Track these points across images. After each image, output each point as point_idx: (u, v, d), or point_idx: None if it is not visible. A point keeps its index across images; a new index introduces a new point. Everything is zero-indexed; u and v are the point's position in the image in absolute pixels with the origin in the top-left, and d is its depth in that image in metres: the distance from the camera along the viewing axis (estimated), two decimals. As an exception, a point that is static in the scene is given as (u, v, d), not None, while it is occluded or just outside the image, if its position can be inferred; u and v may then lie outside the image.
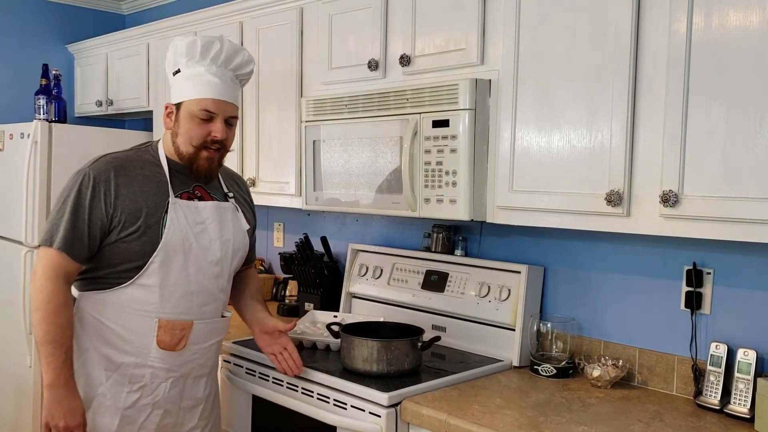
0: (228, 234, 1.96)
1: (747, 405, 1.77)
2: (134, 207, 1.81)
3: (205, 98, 1.85)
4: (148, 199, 1.83)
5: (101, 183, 1.80)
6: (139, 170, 1.86)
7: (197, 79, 1.86)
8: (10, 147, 3.49)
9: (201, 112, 1.85)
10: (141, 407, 1.88)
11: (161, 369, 1.88)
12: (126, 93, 3.69)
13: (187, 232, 1.86)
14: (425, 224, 2.67)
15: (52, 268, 1.76)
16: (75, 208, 1.78)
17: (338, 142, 2.38)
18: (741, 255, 1.90)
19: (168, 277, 1.84)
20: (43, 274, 1.76)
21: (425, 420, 1.81)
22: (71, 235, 1.77)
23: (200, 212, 1.90)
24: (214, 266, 1.92)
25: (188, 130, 1.87)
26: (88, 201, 1.78)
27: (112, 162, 1.85)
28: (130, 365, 1.85)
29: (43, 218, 3.30)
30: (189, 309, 1.88)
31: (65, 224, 1.77)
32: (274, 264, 3.33)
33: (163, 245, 1.82)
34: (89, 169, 1.82)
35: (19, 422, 3.40)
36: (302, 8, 2.66)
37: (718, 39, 1.58)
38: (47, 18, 4.12)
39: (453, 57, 2.13)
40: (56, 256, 1.76)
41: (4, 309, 3.51)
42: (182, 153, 1.89)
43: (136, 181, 1.84)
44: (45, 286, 1.75)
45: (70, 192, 1.80)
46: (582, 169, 1.83)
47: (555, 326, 2.20)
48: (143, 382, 1.87)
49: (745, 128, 1.54)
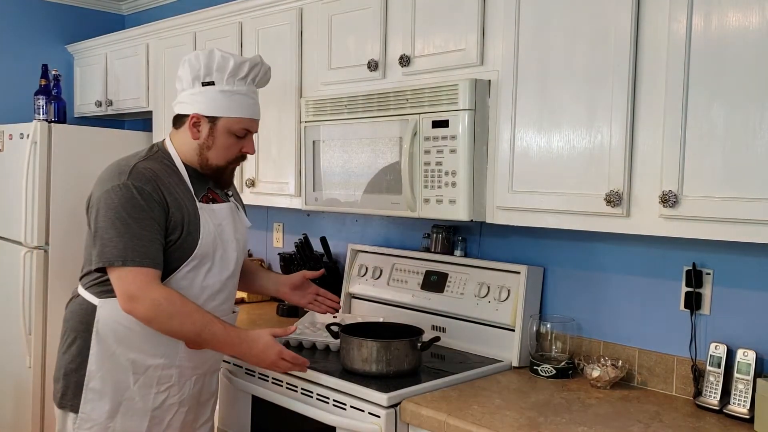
0: (239, 233, 2.02)
1: (746, 405, 1.77)
2: (179, 214, 1.83)
3: (247, 118, 1.92)
4: (184, 206, 1.85)
5: (151, 192, 1.79)
6: (167, 177, 1.86)
7: (239, 98, 1.90)
8: (10, 147, 3.49)
9: (241, 131, 1.92)
10: (168, 406, 1.90)
11: (188, 368, 1.92)
12: (125, 93, 3.69)
13: (215, 236, 1.90)
14: (425, 225, 2.67)
15: (149, 281, 1.75)
16: (141, 221, 1.76)
17: (338, 142, 2.38)
18: (741, 255, 1.90)
19: (197, 280, 1.88)
20: (145, 292, 1.74)
21: (425, 420, 1.81)
22: (150, 246, 1.76)
23: (217, 214, 1.95)
24: (232, 265, 1.98)
25: (226, 146, 1.91)
26: (149, 210, 1.77)
27: (147, 172, 1.82)
28: (158, 367, 1.87)
29: (43, 219, 3.30)
30: (214, 308, 1.92)
31: (142, 239, 1.75)
32: (274, 264, 3.33)
33: (198, 250, 1.86)
34: (131, 181, 1.78)
35: (19, 422, 3.40)
36: (302, 9, 2.66)
37: (717, 39, 1.58)
38: (47, 18, 4.12)
39: (452, 57, 2.13)
40: (145, 270, 1.75)
41: (3, 310, 3.51)
42: (211, 165, 1.93)
43: (171, 189, 1.85)
44: (155, 297, 1.74)
45: (122, 206, 1.76)
46: (581, 169, 1.83)
47: (554, 327, 2.20)
48: (171, 382, 1.90)
49: (744, 128, 1.54)
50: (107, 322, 1.83)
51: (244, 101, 1.91)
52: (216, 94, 1.88)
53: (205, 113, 1.88)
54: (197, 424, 2.04)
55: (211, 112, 1.88)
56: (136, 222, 1.76)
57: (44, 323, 3.33)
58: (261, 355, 1.84)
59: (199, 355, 1.93)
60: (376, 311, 2.66)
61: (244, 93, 1.91)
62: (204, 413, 2.07)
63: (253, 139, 1.99)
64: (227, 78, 1.88)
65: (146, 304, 1.74)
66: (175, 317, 1.76)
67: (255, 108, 1.95)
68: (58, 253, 3.35)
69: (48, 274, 3.34)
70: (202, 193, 1.94)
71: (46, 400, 3.33)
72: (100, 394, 1.84)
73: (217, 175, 1.95)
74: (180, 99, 1.93)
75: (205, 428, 2.08)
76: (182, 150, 1.93)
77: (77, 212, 3.36)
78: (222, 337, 1.80)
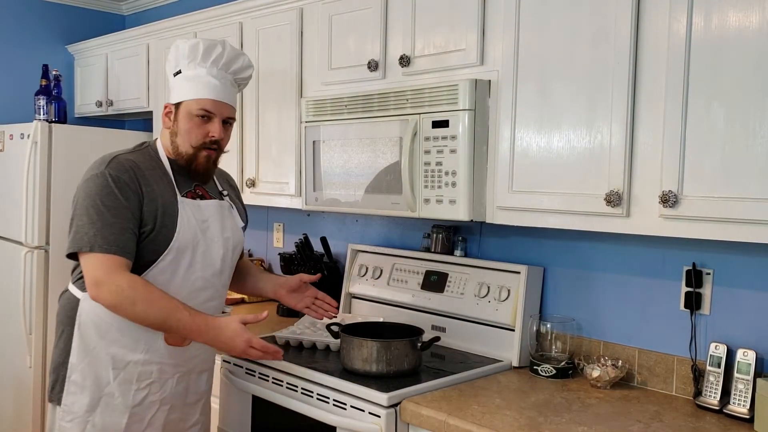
0: (228, 231, 2.00)
1: (746, 405, 1.77)
2: (152, 206, 1.84)
3: (204, 98, 1.89)
4: (162, 198, 1.86)
5: (128, 182, 1.81)
6: (149, 170, 1.88)
7: (197, 80, 1.90)
8: (10, 147, 3.49)
9: (200, 111, 1.90)
10: (149, 404, 1.89)
11: (169, 365, 1.91)
12: (126, 93, 3.69)
13: (195, 231, 1.90)
14: (425, 225, 2.67)
15: (116, 268, 1.75)
16: (114, 208, 1.77)
17: (338, 142, 2.38)
18: (741, 255, 1.90)
19: (176, 275, 1.88)
20: (111, 278, 1.74)
21: (425, 420, 1.81)
22: (120, 235, 1.76)
23: (203, 210, 1.94)
24: (218, 263, 1.97)
25: (187, 130, 1.90)
26: (123, 199, 1.79)
27: (126, 162, 1.85)
28: (138, 363, 1.87)
29: (44, 219, 3.30)
30: (195, 305, 1.89)
31: (112, 226, 1.76)
32: (274, 264, 3.33)
33: (174, 244, 1.85)
34: (108, 170, 1.81)
35: (19, 423, 3.40)
36: (302, 9, 2.66)
37: (717, 39, 1.58)
38: (47, 19, 4.12)
39: (453, 57, 2.13)
40: (113, 257, 1.76)
41: (4, 309, 3.52)
42: (181, 153, 1.92)
43: (150, 181, 1.86)
44: (122, 281, 1.74)
45: (99, 194, 1.78)
46: (581, 169, 1.83)
47: (554, 326, 2.20)
48: (151, 379, 1.89)
49: (744, 128, 1.54)
50: (89, 315, 1.84)
51: (204, 82, 1.90)
52: (181, 81, 1.92)
53: (172, 101, 1.93)
54: (186, 425, 2.01)
55: (175, 99, 1.92)
56: (109, 210, 1.77)
57: (44, 323, 3.33)
58: (229, 343, 1.79)
59: (180, 353, 1.92)
60: (377, 311, 2.66)
61: (203, 75, 1.90)
62: (192, 414, 2.03)
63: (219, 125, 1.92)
64: (188, 63, 1.91)
65: (110, 289, 1.74)
66: (138, 303, 1.74)
67: (217, 90, 1.91)
68: (58, 252, 3.35)
69: (48, 273, 3.34)
70: (188, 189, 1.94)
71: (47, 399, 3.33)
72: (81, 387, 1.84)
73: (189, 163, 1.93)
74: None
75: (194, 430, 2.05)
76: (165, 144, 1.96)
77: (78, 212, 3.38)
78: (188, 323, 1.77)
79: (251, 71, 2.04)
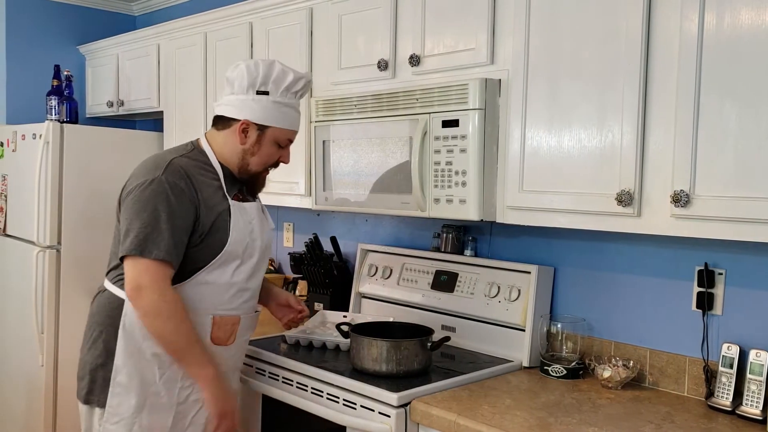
0: (266, 232, 2.05)
1: (759, 407, 1.76)
2: (207, 212, 1.86)
3: (294, 130, 1.99)
4: (215, 204, 1.88)
5: (184, 189, 1.82)
6: (200, 176, 1.89)
7: (289, 110, 1.96)
8: (23, 147, 3.51)
9: (285, 141, 1.99)
10: (192, 402, 1.91)
11: None
12: (137, 94, 3.70)
13: (244, 233, 1.93)
14: (435, 224, 2.67)
15: (162, 277, 1.77)
16: (170, 216, 1.79)
17: (348, 142, 2.38)
18: (753, 255, 1.88)
19: (224, 276, 1.90)
20: (155, 285, 1.76)
21: (435, 420, 1.81)
22: (171, 242, 1.78)
23: (248, 213, 1.97)
24: (259, 263, 2.00)
25: (268, 153, 1.97)
26: (177, 207, 1.80)
27: (180, 168, 1.86)
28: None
29: (55, 218, 3.32)
30: (238, 305, 1.94)
31: (164, 234, 1.77)
32: (284, 264, 3.34)
33: (228, 247, 1.88)
34: (166, 176, 1.82)
35: (31, 421, 3.42)
36: (312, 8, 2.66)
37: (730, 37, 1.57)
38: (59, 19, 4.15)
39: (462, 57, 2.12)
40: (160, 264, 1.77)
41: (16, 308, 3.54)
42: (250, 170, 1.98)
43: (203, 186, 1.88)
44: (166, 292, 1.77)
45: (154, 200, 1.79)
46: (592, 168, 1.82)
47: (565, 327, 2.19)
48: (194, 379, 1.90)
49: (757, 127, 1.53)
50: (133, 316, 1.83)
51: (293, 114, 1.97)
52: (269, 103, 1.92)
53: (256, 121, 1.92)
54: None
55: (262, 121, 1.92)
56: (163, 216, 1.78)
57: (56, 322, 3.35)
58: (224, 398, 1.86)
59: (223, 352, 1.94)
60: (386, 311, 2.66)
61: (293, 106, 1.97)
62: None
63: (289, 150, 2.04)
64: (282, 91, 1.92)
65: (152, 297, 1.76)
66: (171, 319, 1.77)
67: (299, 120, 2.01)
68: (70, 252, 3.37)
69: (60, 273, 3.35)
70: (234, 193, 1.97)
71: (59, 398, 3.35)
72: (126, 389, 1.84)
73: (252, 179, 2.00)
74: (228, 102, 1.94)
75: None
76: (221, 151, 1.96)
77: (89, 212, 3.40)
78: (201, 360, 1.82)
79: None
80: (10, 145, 3.62)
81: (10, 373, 3.60)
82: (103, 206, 3.37)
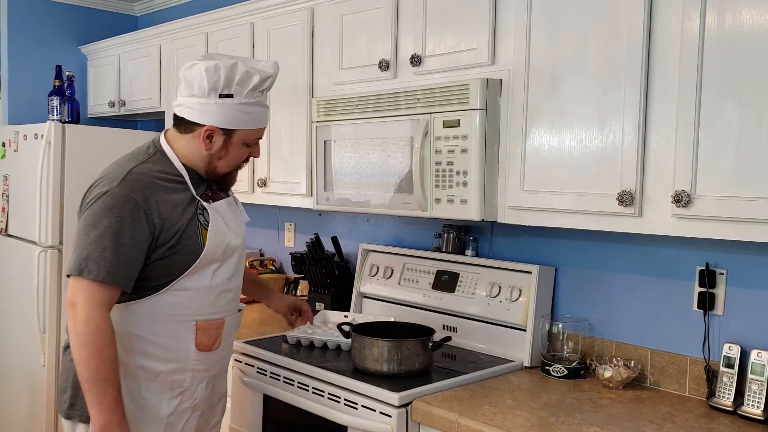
0: (239, 228, 1.96)
1: (761, 407, 1.76)
2: (172, 221, 1.74)
3: (262, 128, 1.89)
4: (181, 211, 1.78)
5: (140, 203, 1.70)
6: (164, 182, 1.78)
7: (256, 110, 1.84)
8: (24, 148, 3.51)
9: (254, 140, 1.89)
10: (182, 411, 1.85)
11: (200, 370, 1.86)
12: (138, 94, 3.71)
13: (223, 233, 1.85)
14: (436, 224, 2.67)
15: (97, 299, 1.64)
16: (115, 234, 1.66)
17: (349, 142, 2.38)
18: (754, 255, 1.88)
19: (203, 280, 1.81)
20: (85, 307, 1.63)
21: (436, 420, 1.81)
22: (114, 262, 1.65)
23: (220, 211, 1.88)
24: (237, 263, 1.93)
25: (237, 156, 1.87)
26: (129, 224, 1.68)
27: (140, 179, 1.74)
28: (170, 372, 1.80)
29: (57, 218, 3.33)
30: (221, 308, 1.88)
31: (106, 252, 1.65)
32: (285, 264, 3.34)
33: (205, 252, 1.79)
34: (120, 189, 1.70)
35: (33, 421, 3.43)
36: (313, 9, 2.66)
37: (731, 37, 1.57)
38: (60, 20, 4.16)
39: (464, 57, 2.13)
40: (98, 286, 1.65)
41: (18, 308, 3.54)
42: (218, 173, 1.87)
43: (166, 196, 1.76)
44: (92, 318, 1.63)
45: (104, 216, 1.67)
46: (593, 169, 1.82)
47: (566, 327, 2.20)
48: (184, 387, 1.84)
49: (758, 127, 1.53)
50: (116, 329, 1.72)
51: (260, 111, 1.86)
52: (234, 107, 1.79)
53: (221, 126, 1.80)
54: (208, 427, 1.99)
55: (228, 125, 1.81)
56: (108, 234, 1.66)
57: (58, 322, 3.35)
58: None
59: (209, 357, 1.88)
60: (388, 311, 2.66)
61: (260, 104, 1.85)
62: (214, 415, 2.01)
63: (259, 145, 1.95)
64: (248, 92, 1.81)
65: (79, 318, 1.64)
66: (88, 347, 1.63)
67: (267, 115, 1.91)
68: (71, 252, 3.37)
69: (62, 273, 3.36)
70: (202, 192, 1.87)
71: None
72: None
73: (221, 179, 1.91)
74: (188, 104, 1.81)
75: (216, 428, 2.04)
76: (184, 154, 1.84)
77: (90, 212, 3.40)
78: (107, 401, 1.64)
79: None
80: (12, 145, 3.63)
81: (12, 373, 3.61)
82: (104, 206, 3.38)
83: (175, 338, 1.80)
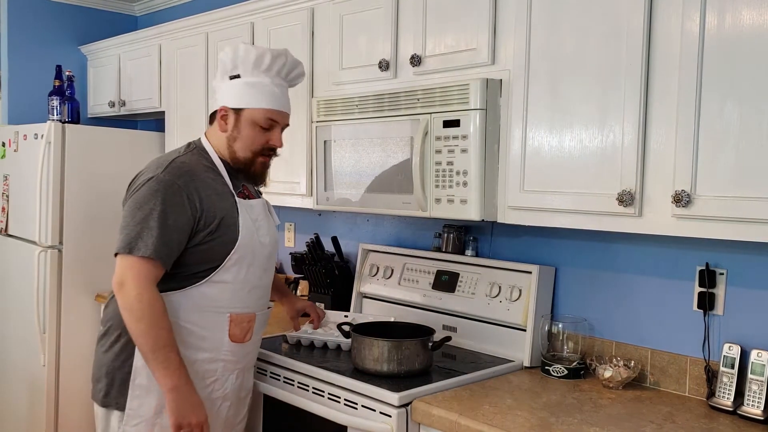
0: (272, 229, 2.06)
1: (761, 407, 1.76)
2: (212, 210, 1.86)
3: (271, 108, 1.93)
4: (220, 200, 1.88)
5: (183, 188, 1.81)
6: (203, 173, 1.90)
7: (263, 89, 1.92)
8: (24, 147, 3.52)
9: (265, 121, 1.93)
10: (213, 400, 1.92)
11: (231, 362, 1.95)
12: (138, 94, 3.71)
13: (252, 231, 1.93)
14: (436, 224, 2.67)
15: (145, 275, 1.75)
16: (161, 215, 1.77)
17: (349, 142, 2.38)
18: (754, 255, 1.88)
19: (240, 274, 1.91)
20: (136, 283, 1.74)
21: (436, 420, 1.81)
22: (159, 241, 1.76)
23: (254, 210, 1.98)
24: (269, 260, 2.02)
25: (250, 136, 1.93)
26: (173, 206, 1.79)
27: (182, 167, 1.86)
28: (204, 361, 1.89)
29: (57, 218, 3.33)
30: (254, 302, 1.97)
31: (153, 231, 1.76)
32: (285, 264, 3.34)
33: (239, 244, 1.88)
34: (164, 175, 1.82)
35: (33, 421, 3.43)
36: (313, 9, 2.66)
37: (731, 38, 1.57)
38: (60, 20, 4.16)
39: (464, 57, 2.13)
40: (146, 263, 1.76)
41: (18, 308, 3.54)
42: (239, 158, 1.95)
43: (207, 184, 1.88)
44: (143, 294, 1.74)
45: (150, 199, 1.79)
46: (593, 169, 1.82)
47: (566, 327, 2.20)
48: (215, 377, 1.92)
49: (758, 127, 1.53)
50: None
51: (268, 91, 1.93)
52: (241, 86, 1.92)
53: (230, 105, 1.92)
54: (236, 420, 2.05)
55: (235, 104, 1.92)
56: (154, 215, 1.77)
57: (58, 322, 3.35)
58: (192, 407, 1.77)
59: (240, 350, 1.96)
60: (388, 311, 2.66)
61: (268, 84, 1.93)
62: (242, 409, 2.07)
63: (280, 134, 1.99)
64: (251, 70, 1.91)
65: (131, 294, 1.74)
66: (143, 320, 1.73)
67: (281, 100, 1.96)
68: (71, 252, 3.38)
69: (62, 273, 3.36)
70: (239, 189, 1.97)
71: (60, 398, 3.36)
72: (146, 390, 1.84)
73: (246, 168, 1.97)
74: (213, 95, 1.98)
75: (242, 425, 2.09)
76: (216, 144, 1.97)
77: (91, 212, 3.41)
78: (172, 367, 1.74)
79: (303, 79, 2.09)
80: (12, 145, 3.63)
81: (12, 373, 3.61)
82: (104, 206, 3.38)
83: (210, 328, 1.89)
